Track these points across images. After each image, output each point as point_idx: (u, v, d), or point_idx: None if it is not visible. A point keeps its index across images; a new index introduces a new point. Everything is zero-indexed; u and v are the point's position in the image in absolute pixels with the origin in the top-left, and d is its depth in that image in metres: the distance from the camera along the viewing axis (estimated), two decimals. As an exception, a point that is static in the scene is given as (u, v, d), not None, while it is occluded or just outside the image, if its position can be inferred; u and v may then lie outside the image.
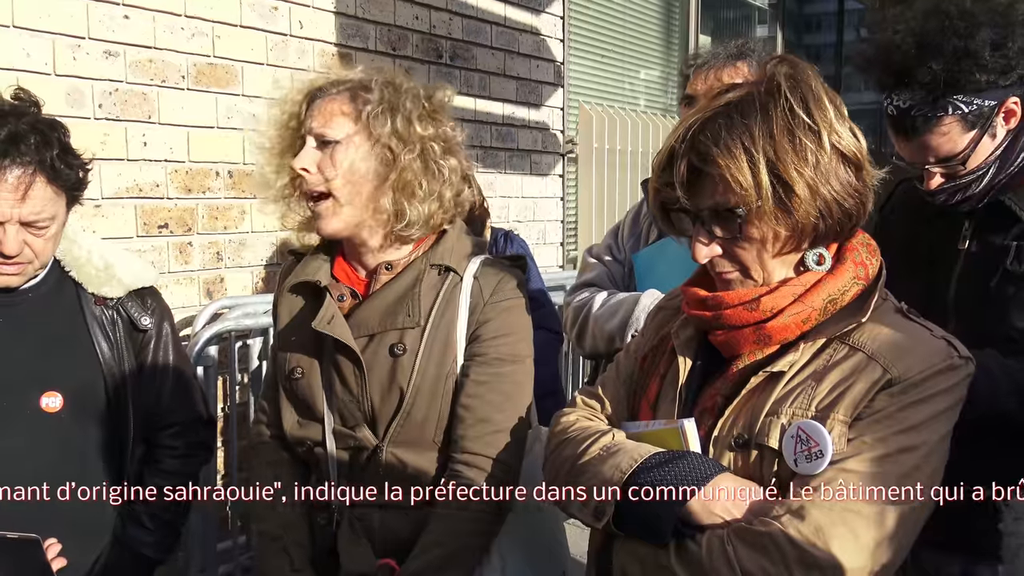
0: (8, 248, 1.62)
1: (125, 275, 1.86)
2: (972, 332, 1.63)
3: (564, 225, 5.19)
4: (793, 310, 1.29)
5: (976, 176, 1.68)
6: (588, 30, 5.47)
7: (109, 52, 2.90)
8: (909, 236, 1.85)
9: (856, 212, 1.30)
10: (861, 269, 1.32)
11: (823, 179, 1.25)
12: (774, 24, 7.81)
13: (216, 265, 3.29)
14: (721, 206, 1.27)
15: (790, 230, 1.27)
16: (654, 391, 1.44)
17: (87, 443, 1.76)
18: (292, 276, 1.76)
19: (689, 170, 1.28)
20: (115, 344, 1.81)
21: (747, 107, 1.27)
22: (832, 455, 1.21)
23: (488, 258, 1.74)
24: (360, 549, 1.64)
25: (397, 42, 3.96)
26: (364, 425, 1.65)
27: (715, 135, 1.25)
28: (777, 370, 1.29)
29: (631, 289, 2.21)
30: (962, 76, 1.58)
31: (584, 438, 1.41)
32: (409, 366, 1.62)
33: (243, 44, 3.31)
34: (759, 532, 1.19)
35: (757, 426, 1.27)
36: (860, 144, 1.29)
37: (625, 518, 1.29)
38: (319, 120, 1.63)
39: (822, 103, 1.27)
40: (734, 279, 1.33)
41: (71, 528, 1.66)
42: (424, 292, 1.65)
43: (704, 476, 1.26)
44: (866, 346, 1.27)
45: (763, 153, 1.23)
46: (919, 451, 1.22)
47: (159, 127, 3.07)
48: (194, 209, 3.20)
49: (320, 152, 1.62)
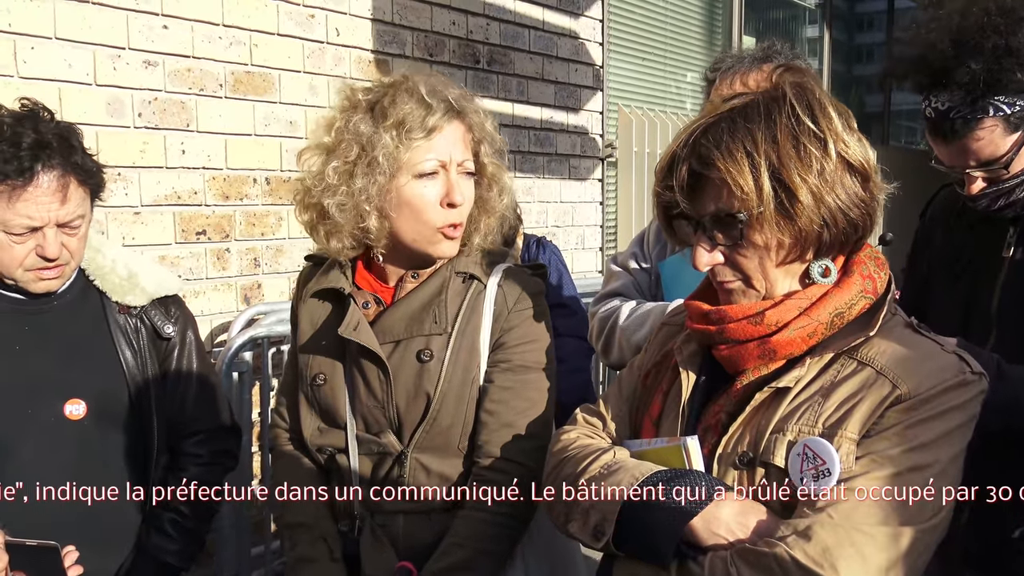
0: (51, 251, 1.66)
1: (148, 283, 1.88)
2: (1016, 342, 1.57)
3: (604, 230, 5.15)
4: (799, 324, 1.26)
5: (1020, 180, 1.61)
6: (628, 33, 5.43)
7: (148, 62, 2.96)
8: (951, 243, 1.79)
9: (862, 223, 1.26)
10: (869, 283, 1.28)
11: (828, 187, 1.21)
12: (822, 24, 7.66)
13: (253, 271, 3.33)
14: (722, 212, 1.25)
15: (793, 238, 1.23)
16: (657, 408, 1.41)
17: (110, 451, 1.79)
18: (314, 283, 1.76)
19: (690, 175, 1.26)
20: (138, 352, 1.84)
21: (751, 112, 1.24)
22: (840, 473, 1.17)
23: (511, 267, 1.74)
24: (384, 555, 1.64)
25: (434, 48, 3.97)
26: (389, 431, 1.65)
27: (717, 139, 1.23)
28: (783, 386, 1.25)
29: (658, 298, 2.17)
30: (1003, 75, 1.51)
31: (584, 456, 1.38)
32: (436, 372, 1.62)
33: (280, 52, 3.35)
34: (763, 553, 1.15)
35: (762, 444, 1.24)
36: (868, 155, 1.26)
37: (625, 538, 1.26)
38: (460, 150, 1.65)
39: (828, 112, 1.24)
40: (736, 288, 1.30)
41: (95, 536, 1.69)
42: (450, 299, 1.66)
43: (707, 495, 1.22)
44: (875, 361, 1.22)
45: (765, 157, 1.20)
46: (931, 469, 1.17)
47: (197, 135, 3.11)
48: (232, 216, 3.24)
49: (467, 183, 1.67)
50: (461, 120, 1.64)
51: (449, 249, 1.66)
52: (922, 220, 1.91)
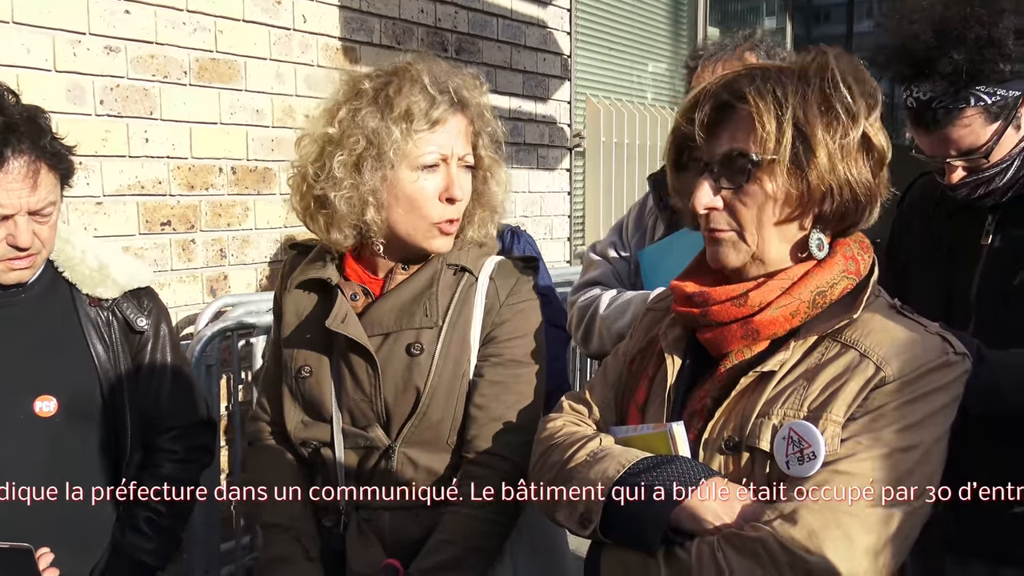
0: (23, 240, 1.60)
1: (120, 275, 1.82)
2: (995, 329, 1.59)
3: (572, 220, 5.15)
4: (781, 303, 1.26)
5: (1000, 169, 1.63)
6: (595, 22, 5.42)
7: (110, 48, 2.87)
8: (929, 232, 1.81)
9: (864, 204, 1.27)
10: (852, 264, 1.29)
11: (844, 156, 1.23)
12: (783, 15, 7.73)
13: (219, 263, 3.26)
14: (736, 151, 1.26)
15: (799, 194, 1.25)
16: (642, 394, 1.41)
17: (83, 448, 1.73)
18: (299, 273, 1.72)
19: (716, 108, 1.28)
20: (111, 346, 1.78)
21: (786, 71, 1.27)
22: (825, 456, 1.18)
23: (503, 259, 1.71)
24: (370, 550, 1.61)
25: (402, 36, 3.92)
26: (376, 425, 1.62)
27: (751, 79, 1.26)
28: (768, 370, 1.25)
29: (637, 287, 2.16)
30: (985, 66, 1.53)
31: (570, 444, 1.38)
32: (426, 366, 1.59)
33: (246, 39, 3.28)
34: (750, 538, 1.15)
35: (748, 428, 1.24)
36: (887, 147, 1.28)
37: (612, 525, 1.25)
38: (461, 144, 1.62)
39: (867, 94, 1.26)
40: (727, 239, 1.30)
41: (68, 536, 1.64)
42: (441, 292, 1.63)
43: (693, 481, 1.22)
44: (859, 343, 1.23)
45: (792, 109, 1.22)
46: (916, 451, 1.18)
47: (161, 123, 3.04)
48: (197, 206, 3.17)
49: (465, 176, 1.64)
50: (464, 113, 1.61)
51: (443, 245, 1.63)
52: (900, 209, 1.93)
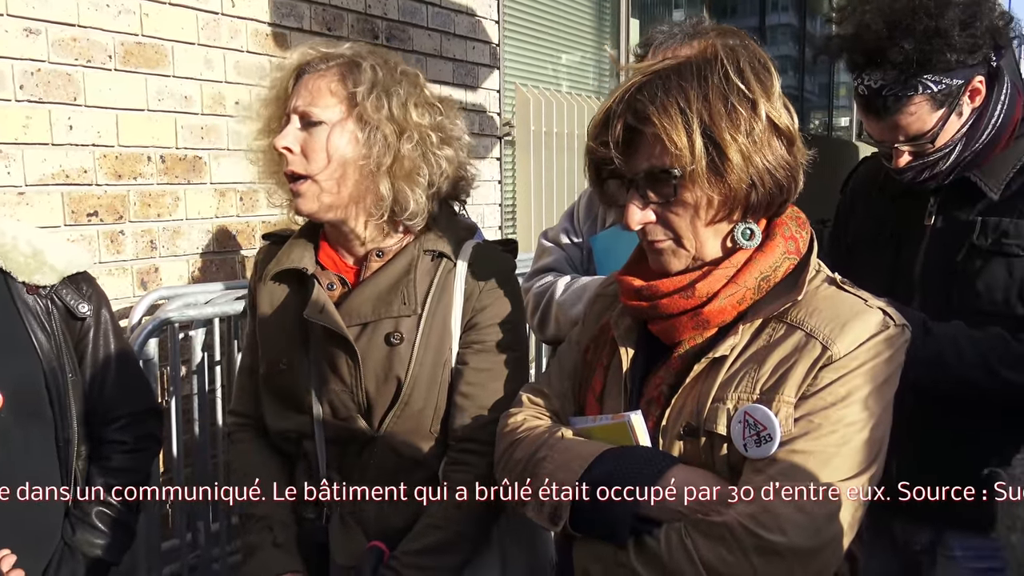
0: None
1: (57, 261, 1.74)
2: (938, 306, 1.67)
3: (502, 209, 5.16)
4: (727, 292, 1.29)
5: (943, 154, 1.71)
6: (523, 11, 5.43)
7: (30, 30, 2.74)
8: (873, 214, 1.88)
9: (788, 186, 1.30)
10: (791, 243, 1.33)
11: (756, 148, 1.25)
12: (701, 7, 7.90)
13: (150, 254, 3.15)
14: (656, 168, 1.26)
15: (723, 196, 1.26)
16: (599, 383, 1.43)
17: (29, 443, 1.65)
18: (274, 263, 1.68)
19: (625, 130, 1.27)
20: (52, 335, 1.70)
21: (685, 71, 1.27)
22: (781, 437, 1.21)
23: (481, 243, 1.70)
24: (354, 541, 1.60)
25: (332, 22, 3.85)
26: (358, 416, 1.59)
27: (652, 95, 1.25)
28: (719, 355, 1.28)
29: (590, 273, 2.19)
30: (933, 55, 1.60)
31: (534, 438, 1.39)
32: (407, 355, 1.57)
33: (173, 22, 3.17)
34: (716, 523, 1.19)
35: (704, 413, 1.27)
36: (792, 120, 1.30)
37: (581, 520, 1.27)
38: (305, 98, 1.56)
39: (759, 75, 1.28)
40: (666, 248, 1.32)
41: (17, 536, 1.56)
42: (419, 279, 1.61)
43: (657, 471, 1.25)
44: (804, 323, 1.27)
45: (697, 115, 1.23)
46: (866, 423, 1.23)
47: (85, 110, 2.91)
48: (125, 196, 3.06)
49: (305, 132, 1.55)
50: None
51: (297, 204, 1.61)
52: (843, 193, 2.00)
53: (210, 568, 2.91)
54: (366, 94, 1.55)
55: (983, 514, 1.28)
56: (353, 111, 1.55)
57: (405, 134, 1.56)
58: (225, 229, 3.42)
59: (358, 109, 1.55)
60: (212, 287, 2.99)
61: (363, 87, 1.55)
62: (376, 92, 1.55)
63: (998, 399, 1.63)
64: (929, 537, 1.80)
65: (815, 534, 1.17)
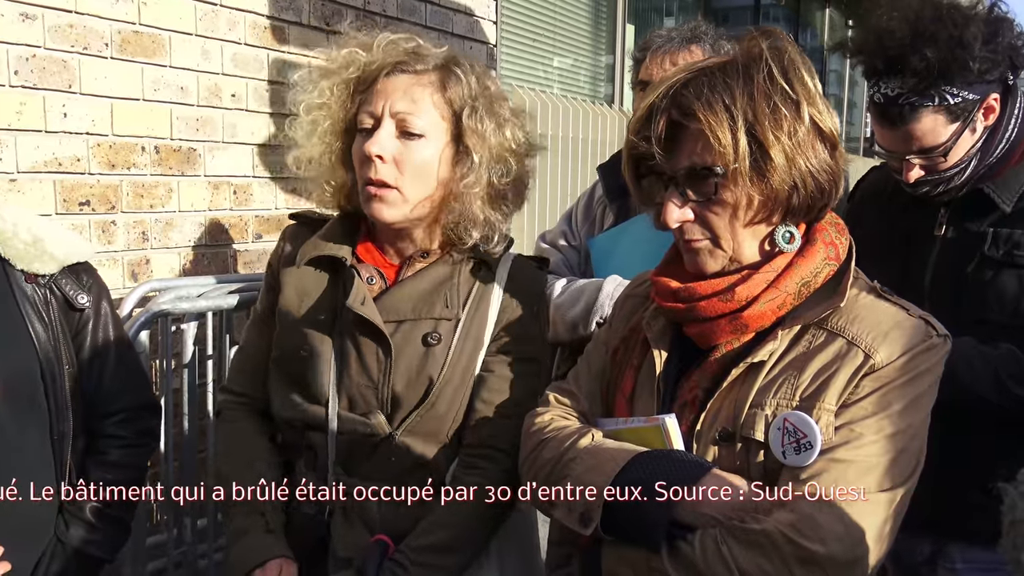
0: None
1: (57, 249, 1.70)
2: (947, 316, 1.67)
3: (495, 210, 5.14)
4: (768, 296, 1.28)
5: (959, 170, 1.72)
6: (520, 13, 5.42)
7: (26, 15, 2.69)
8: (882, 223, 1.88)
9: (829, 190, 1.29)
10: (831, 249, 1.32)
11: (800, 150, 1.24)
12: (696, 14, 7.92)
13: (141, 246, 3.11)
14: (698, 165, 1.25)
15: (764, 197, 1.25)
16: (629, 385, 1.40)
17: (24, 436, 1.61)
18: (311, 246, 1.64)
19: (669, 125, 1.26)
20: (50, 325, 1.66)
21: (730, 70, 1.26)
22: (821, 445, 1.20)
23: (519, 257, 1.70)
24: (356, 534, 1.57)
25: (331, 17, 3.82)
26: (378, 412, 1.57)
27: (698, 91, 1.24)
28: (758, 360, 1.27)
29: (587, 275, 2.18)
30: (954, 65, 1.60)
31: (562, 439, 1.36)
32: (442, 357, 1.56)
33: (171, 12, 3.13)
34: (753, 530, 1.17)
35: (741, 418, 1.25)
36: (836, 123, 1.29)
37: (613, 523, 1.25)
38: (404, 104, 1.51)
39: (803, 77, 1.26)
40: (703, 248, 1.30)
41: (9, 530, 1.52)
42: (462, 284, 1.60)
43: (692, 475, 1.23)
44: (845, 331, 1.26)
45: (743, 114, 1.22)
46: (906, 434, 1.22)
47: (80, 97, 2.87)
48: (118, 186, 3.01)
49: (400, 142, 1.52)
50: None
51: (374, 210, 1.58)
52: (851, 202, 2.00)
53: (196, 565, 2.86)
54: (468, 113, 1.52)
55: (985, 526, 1.27)
56: (454, 131, 1.54)
57: (500, 162, 1.56)
58: (218, 222, 3.38)
59: (459, 129, 1.53)
60: (204, 280, 2.95)
61: (464, 106, 1.53)
62: (477, 114, 1.53)
63: (1009, 415, 1.63)
64: (931, 549, 1.79)
65: (855, 545, 1.16)
